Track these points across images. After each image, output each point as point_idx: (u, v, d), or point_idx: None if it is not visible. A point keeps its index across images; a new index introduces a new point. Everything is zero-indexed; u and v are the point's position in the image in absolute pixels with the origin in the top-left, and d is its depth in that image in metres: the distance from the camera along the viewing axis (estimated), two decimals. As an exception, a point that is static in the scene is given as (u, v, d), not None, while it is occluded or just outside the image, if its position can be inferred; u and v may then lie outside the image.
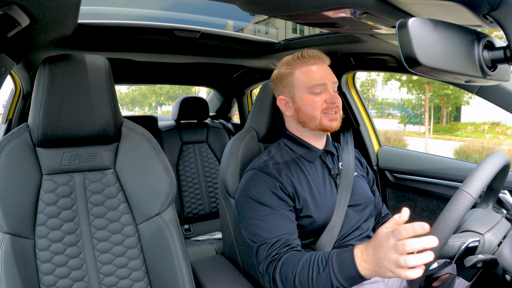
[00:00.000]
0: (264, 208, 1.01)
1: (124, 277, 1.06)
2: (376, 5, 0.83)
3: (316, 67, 1.08)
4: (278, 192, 1.02)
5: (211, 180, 2.45)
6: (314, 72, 1.07)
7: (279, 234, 0.97)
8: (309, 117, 1.09)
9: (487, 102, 1.11)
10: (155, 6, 1.72)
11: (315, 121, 1.08)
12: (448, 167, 1.54)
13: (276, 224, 0.98)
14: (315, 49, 1.11)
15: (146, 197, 1.08)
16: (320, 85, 1.07)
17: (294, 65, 1.11)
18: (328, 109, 1.07)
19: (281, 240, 0.97)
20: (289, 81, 1.11)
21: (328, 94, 1.07)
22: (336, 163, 1.18)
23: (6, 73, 1.22)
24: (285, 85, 1.13)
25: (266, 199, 1.01)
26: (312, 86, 1.07)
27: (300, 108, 1.10)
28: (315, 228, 1.06)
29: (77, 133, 1.03)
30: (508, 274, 0.78)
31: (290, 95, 1.12)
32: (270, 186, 1.03)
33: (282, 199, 1.02)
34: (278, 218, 0.99)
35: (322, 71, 1.08)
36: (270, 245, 0.97)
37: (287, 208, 1.02)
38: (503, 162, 0.80)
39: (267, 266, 0.95)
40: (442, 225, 0.74)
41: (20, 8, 0.87)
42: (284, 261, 0.92)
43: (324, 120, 1.07)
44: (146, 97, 34.46)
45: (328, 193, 1.09)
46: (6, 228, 0.92)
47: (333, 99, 1.07)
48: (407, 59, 0.50)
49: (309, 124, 1.10)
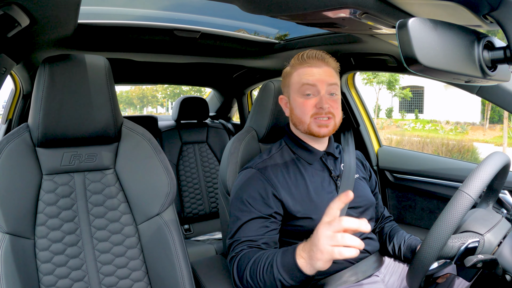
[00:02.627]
0: (245, 208, 1.03)
1: (124, 277, 1.06)
2: (376, 5, 0.83)
3: (313, 69, 1.06)
4: (269, 197, 1.03)
5: (211, 180, 2.45)
6: (308, 74, 1.06)
7: (249, 236, 1.00)
8: (299, 120, 1.08)
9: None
10: (155, 6, 1.72)
11: (304, 125, 1.08)
12: (448, 167, 1.54)
13: (249, 227, 1.01)
14: (319, 51, 1.09)
15: (146, 197, 1.08)
16: (310, 87, 1.05)
17: (294, 65, 1.11)
18: (318, 114, 1.05)
19: (249, 241, 1.00)
20: (288, 81, 1.12)
21: (318, 98, 1.05)
22: (337, 164, 1.18)
23: (6, 73, 1.22)
24: (284, 85, 1.14)
25: (251, 200, 1.03)
26: (301, 88, 1.06)
27: (293, 109, 1.10)
28: (314, 229, 1.06)
29: (77, 133, 1.03)
30: (508, 274, 0.78)
31: (288, 95, 1.13)
32: (259, 188, 1.04)
33: (266, 203, 1.03)
34: (253, 222, 1.02)
35: (317, 73, 1.06)
36: (237, 244, 1.00)
37: (267, 213, 1.03)
38: (503, 162, 0.80)
39: (229, 259, 1.00)
40: (441, 225, 0.74)
41: (20, 8, 0.87)
42: (241, 256, 0.96)
43: (312, 125, 1.06)
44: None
45: (328, 195, 1.09)
46: (6, 228, 0.92)
47: (321, 103, 1.04)
48: (407, 59, 0.50)
49: (299, 127, 1.10)
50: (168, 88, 35.19)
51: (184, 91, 32.22)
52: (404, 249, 1.15)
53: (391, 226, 1.26)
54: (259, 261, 0.90)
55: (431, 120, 18.71)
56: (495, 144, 13.70)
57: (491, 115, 17.27)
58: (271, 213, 1.03)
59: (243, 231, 1.02)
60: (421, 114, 20.54)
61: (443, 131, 16.42)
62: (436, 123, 17.59)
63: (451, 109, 18.04)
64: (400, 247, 1.16)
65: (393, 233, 1.22)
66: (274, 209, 1.03)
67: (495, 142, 14.08)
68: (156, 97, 38.46)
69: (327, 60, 1.08)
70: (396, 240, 1.19)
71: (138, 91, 38.99)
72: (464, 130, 16.48)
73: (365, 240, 1.12)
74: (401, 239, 1.18)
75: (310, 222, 1.04)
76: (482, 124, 17.21)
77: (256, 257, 0.92)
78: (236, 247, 1.00)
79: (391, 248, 1.20)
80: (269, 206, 1.03)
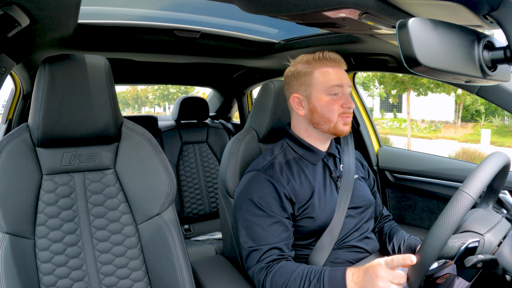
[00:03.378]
0: (262, 213, 1.01)
1: (124, 277, 1.06)
2: (376, 5, 0.83)
3: (335, 69, 1.08)
4: (279, 198, 1.02)
5: (211, 180, 2.45)
6: (333, 74, 1.06)
7: (274, 242, 0.99)
8: (325, 119, 1.07)
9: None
10: (155, 6, 1.72)
11: (329, 124, 1.07)
12: (448, 167, 1.54)
13: (272, 232, 1.00)
14: (334, 53, 1.11)
15: (146, 197, 1.08)
16: (338, 87, 1.06)
17: (314, 64, 1.09)
18: (345, 113, 1.07)
19: (275, 249, 0.99)
20: (307, 80, 1.09)
21: (344, 97, 1.07)
22: (337, 165, 1.18)
23: (6, 73, 1.22)
24: (302, 84, 1.10)
25: (266, 204, 1.01)
26: (330, 88, 1.06)
27: (316, 108, 1.08)
28: (315, 229, 1.06)
29: (77, 133, 1.03)
30: (508, 274, 0.78)
31: (306, 94, 1.09)
32: (272, 192, 1.03)
33: (282, 206, 1.02)
34: (275, 226, 1.00)
35: (341, 74, 1.08)
36: (263, 252, 0.98)
37: (285, 216, 1.02)
38: (503, 163, 0.80)
39: (257, 272, 0.98)
40: (441, 225, 0.74)
41: (20, 8, 0.87)
42: (276, 270, 0.95)
43: (339, 124, 1.07)
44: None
45: (329, 195, 1.09)
46: (6, 228, 0.92)
47: (349, 103, 1.06)
48: (407, 59, 0.50)
49: (323, 126, 1.08)
50: (157, 90, 37.25)
51: (171, 92, 34.88)
52: (404, 249, 1.15)
53: (390, 226, 1.26)
54: (300, 280, 0.91)
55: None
56: (458, 141, 14.73)
57: (464, 114, 18.18)
58: (288, 215, 1.03)
59: (265, 237, 1.00)
60: (400, 113, 21.39)
61: (417, 129, 17.35)
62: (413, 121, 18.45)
63: (427, 108, 19.08)
64: (400, 247, 1.17)
65: (393, 232, 1.22)
66: (289, 210, 1.03)
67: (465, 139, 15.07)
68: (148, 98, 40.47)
69: (342, 62, 1.11)
70: (396, 240, 1.19)
71: (133, 92, 40.59)
72: (437, 128, 17.29)
73: (365, 240, 1.12)
74: (400, 239, 1.18)
75: (312, 222, 1.05)
76: (455, 123, 18.19)
77: (295, 274, 0.93)
78: (263, 256, 0.99)
79: (391, 248, 1.20)
80: (285, 208, 1.02)
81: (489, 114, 17.31)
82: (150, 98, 40.03)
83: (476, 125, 16.96)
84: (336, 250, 1.07)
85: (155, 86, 36.01)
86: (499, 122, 16.76)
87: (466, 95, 14.87)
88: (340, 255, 1.07)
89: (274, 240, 0.99)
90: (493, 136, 14.31)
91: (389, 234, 1.23)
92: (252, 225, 1.02)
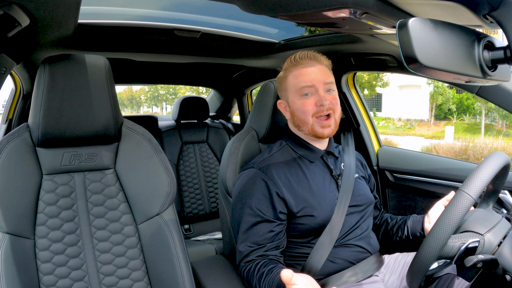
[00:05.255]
0: (250, 211, 1.04)
1: (124, 277, 1.06)
2: (376, 5, 0.83)
3: (308, 69, 1.07)
4: (273, 198, 1.04)
5: (211, 180, 2.45)
6: (303, 75, 1.07)
7: (259, 240, 1.03)
8: (301, 122, 1.09)
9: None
10: (155, 6, 1.72)
11: (307, 126, 1.08)
12: (448, 167, 1.54)
13: (261, 232, 1.03)
14: (311, 50, 1.10)
15: (146, 197, 1.08)
16: (308, 88, 1.06)
17: (288, 69, 1.11)
18: (319, 112, 1.06)
19: (260, 249, 1.02)
20: (284, 85, 1.12)
21: (317, 96, 1.06)
22: (338, 164, 1.18)
23: (6, 73, 1.22)
24: (282, 89, 1.14)
25: (260, 206, 1.04)
26: (300, 89, 1.07)
27: (294, 112, 1.10)
28: (315, 227, 1.06)
29: (77, 133, 1.03)
30: (508, 274, 0.78)
31: (286, 99, 1.13)
32: (266, 192, 1.04)
33: (272, 205, 1.03)
34: (260, 225, 1.03)
35: (312, 73, 1.06)
36: (249, 251, 1.03)
37: (274, 216, 1.04)
38: (503, 163, 0.80)
39: (239, 263, 1.06)
40: (442, 225, 0.74)
41: (20, 8, 0.87)
42: (247, 271, 1.02)
43: (316, 126, 1.07)
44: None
45: (328, 194, 1.09)
46: (6, 228, 0.92)
47: (321, 101, 1.04)
48: (407, 59, 0.50)
49: (303, 128, 1.10)
50: (148, 92, 39.09)
51: (161, 94, 36.43)
52: (411, 224, 1.19)
53: (388, 215, 1.32)
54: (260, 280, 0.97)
55: (386, 118, 20.69)
56: (424, 137, 15.47)
57: (437, 112, 19.06)
58: (277, 215, 1.04)
59: (250, 235, 1.03)
60: (379, 112, 22.19)
61: (394, 126, 18.31)
62: (390, 120, 19.46)
63: (404, 107, 20.01)
64: (406, 222, 1.20)
65: (393, 218, 1.28)
66: (279, 209, 1.04)
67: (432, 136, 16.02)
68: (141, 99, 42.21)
69: (319, 58, 1.09)
70: (399, 221, 1.24)
71: (128, 93, 41.97)
72: (412, 126, 18.13)
73: (365, 239, 1.12)
74: (402, 220, 1.23)
75: (312, 220, 1.05)
76: (429, 121, 19.12)
77: (258, 276, 0.98)
78: (248, 255, 1.03)
79: (396, 229, 1.23)
80: (275, 207, 1.03)
81: (461, 113, 18.23)
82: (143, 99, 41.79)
83: (448, 123, 17.77)
84: (336, 249, 1.07)
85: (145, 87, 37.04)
86: (470, 120, 17.72)
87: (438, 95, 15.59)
88: (340, 254, 1.07)
89: (257, 239, 1.03)
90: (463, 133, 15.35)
91: (388, 220, 1.29)
92: (239, 221, 1.06)
